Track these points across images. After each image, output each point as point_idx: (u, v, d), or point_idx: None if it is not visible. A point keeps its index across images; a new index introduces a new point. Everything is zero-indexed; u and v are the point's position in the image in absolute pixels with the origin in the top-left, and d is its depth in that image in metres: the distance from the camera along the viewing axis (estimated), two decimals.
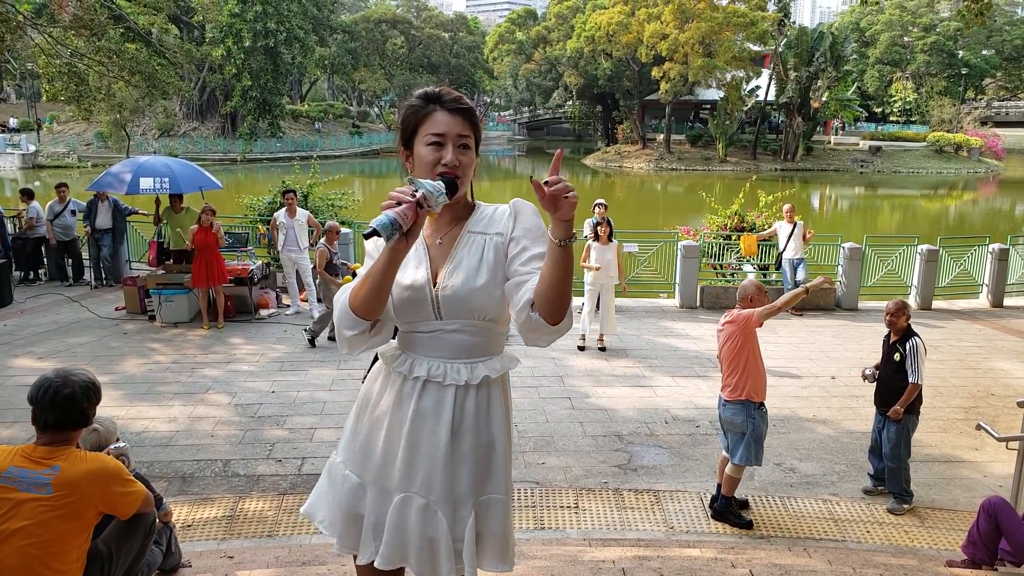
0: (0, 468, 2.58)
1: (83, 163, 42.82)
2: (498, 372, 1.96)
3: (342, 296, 1.88)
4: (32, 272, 12.22)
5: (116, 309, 10.35)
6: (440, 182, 1.76)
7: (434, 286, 1.89)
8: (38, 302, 10.76)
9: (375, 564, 1.95)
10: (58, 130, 51.05)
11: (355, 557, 2.02)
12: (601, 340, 9.08)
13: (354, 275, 9.25)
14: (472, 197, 2.05)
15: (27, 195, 12.11)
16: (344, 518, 2.00)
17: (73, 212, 11.83)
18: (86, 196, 11.93)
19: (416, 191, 1.71)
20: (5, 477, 2.56)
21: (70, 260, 12.09)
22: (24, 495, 2.55)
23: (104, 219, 11.58)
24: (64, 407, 2.66)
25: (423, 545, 1.92)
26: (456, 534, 1.93)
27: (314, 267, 9.38)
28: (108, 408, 6.64)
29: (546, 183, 1.62)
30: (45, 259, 12.12)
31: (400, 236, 1.70)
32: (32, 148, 44.18)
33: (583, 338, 9.05)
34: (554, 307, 1.74)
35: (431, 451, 1.91)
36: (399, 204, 1.69)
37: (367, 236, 1.73)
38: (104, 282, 11.80)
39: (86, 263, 12.24)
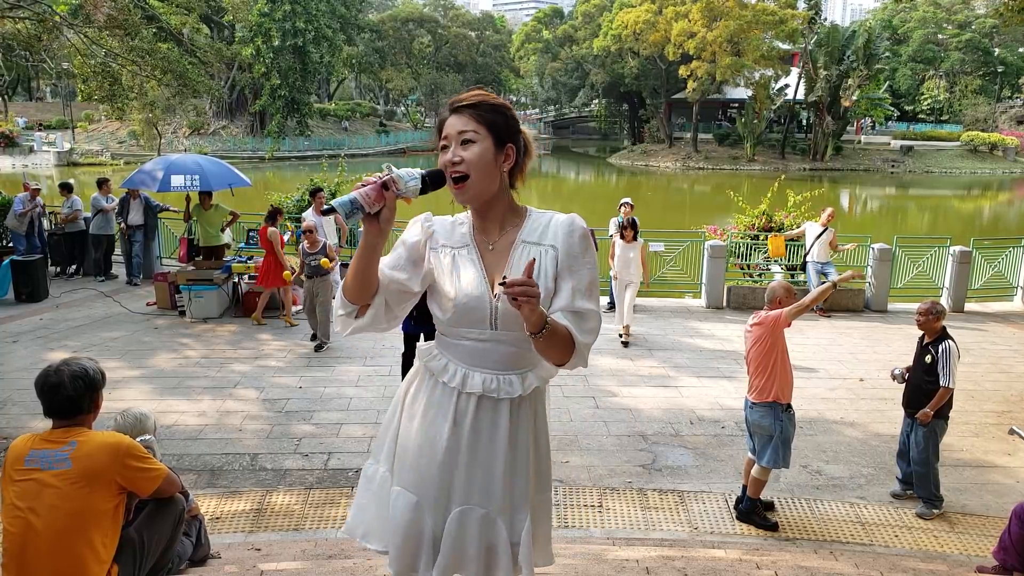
0: (22, 453, 2.68)
1: (115, 161, 43.56)
2: (545, 381, 1.96)
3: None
4: (71, 266, 12.46)
5: (147, 304, 10.53)
6: (417, 170, 1.78)
7: (493, 295, 1.83)
8: (72, 297, 10.99)
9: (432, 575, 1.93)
10: (92, 128, 52.03)
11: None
12: (627, 332, 9.15)
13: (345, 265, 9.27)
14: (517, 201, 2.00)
15: (66, 189, 12.36)
16: (404, 539, 1.93)
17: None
18: (119, 193, 12.15)
19: (386, 175, 1.74)
20: (28, 460, 2.67)
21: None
22: (47, 473, 2.65)
23: (136, 216, 11.80)
24: (52, 395, 2.74)
25: (482, 553, 1.92)
26: (515, 539, 1.94)
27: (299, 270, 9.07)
28: (139, 401, 6.77)
29: (507, 283, 1.60)
30: (93, 252, 12.13)
31: (367, 217, 1.73)
32: (67, 146, 45.05)
33: (621, 333, 9.22)
34: (553, 362, 1.82)
35: (489, 464, 1.90)
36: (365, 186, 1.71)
37: (324, 213, 1.74)
38: (136, 278, 12.02)
39: (117, 259, 12.47)
